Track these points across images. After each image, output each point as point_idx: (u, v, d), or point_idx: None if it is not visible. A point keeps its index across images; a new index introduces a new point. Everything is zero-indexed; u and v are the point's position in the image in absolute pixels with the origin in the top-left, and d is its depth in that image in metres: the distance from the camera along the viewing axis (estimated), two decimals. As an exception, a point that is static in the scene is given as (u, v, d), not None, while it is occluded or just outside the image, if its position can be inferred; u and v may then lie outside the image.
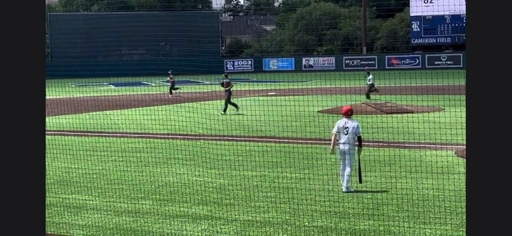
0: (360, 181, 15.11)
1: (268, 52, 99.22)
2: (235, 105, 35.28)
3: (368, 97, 41.11)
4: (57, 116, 34.05)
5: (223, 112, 34.65)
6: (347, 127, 15.28)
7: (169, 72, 51.99)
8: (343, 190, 15.10)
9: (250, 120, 25.31)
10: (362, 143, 15.53)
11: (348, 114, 15.52)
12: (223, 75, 38.09)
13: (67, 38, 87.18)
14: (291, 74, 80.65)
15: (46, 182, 16.81)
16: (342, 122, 15.45)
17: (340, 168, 15.54)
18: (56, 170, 18.51)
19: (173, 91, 51.14)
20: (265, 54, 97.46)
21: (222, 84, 36.41)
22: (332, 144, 15.59)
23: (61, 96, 42.33)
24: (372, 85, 41.83)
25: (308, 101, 29.70)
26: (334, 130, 15.51)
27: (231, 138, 24.43)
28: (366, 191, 15.06)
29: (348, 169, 15.15)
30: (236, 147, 21.24)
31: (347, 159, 15.24)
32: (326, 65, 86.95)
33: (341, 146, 15.31)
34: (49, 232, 12.58)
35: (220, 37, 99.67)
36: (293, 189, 15.32)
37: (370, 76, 41.98)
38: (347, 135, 15.22)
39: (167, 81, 52.99)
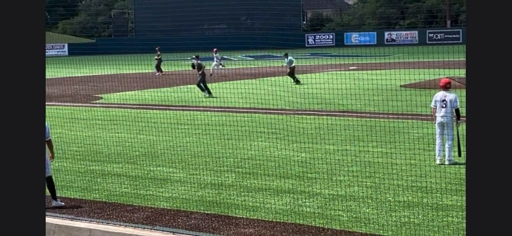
0: (460, 154, 15.00)
1: (350, 26, 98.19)
2: (209, 90, 32.20)
3: (291, 76, 38.56)
4: (141, 90, 34.80)
5: (208, 94, 31.88)
6: (445, 100, 15.32)
7: (157, 48, 48.47)
8: (446, 162, 15.17)
9: (332, 95, 25.17)
10: (460, 116, 15.34)
11: (447, 87, 15.65)
12: (193, 56, 34.71)
13: (150, 13, 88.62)
14: (373, 48, 79.68)
15: (132, 155, 17.32)
16: (440, 95, 15.49)
17: (436, 141, 15.46)
18: (142, 143, 18.97)
19: (159, 71, 47.11)
20: (346, 28, 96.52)
21: (193, 66, 33.52)
22: (434, 118, 15.73)
23: (145, 71, 43.18)
24: (291, 67, 38.95)
25: (391, 75, 29.31)
26: (433, 103, 15.68)
27: (312, 112, 24.41)
28: (451, 166, 14.87)
29: (449, 142, 15.24)
30: (318, 121, 21.20)
31: (447, 132, 15.32)
32: (408, 39, 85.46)
33: (440, 119, 15.37)
34: (128, 203, 12.89)
35: (301, 11, 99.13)
36: (376, 163, 15.23)
37: (289, 58, 39.22)
38: (446, 108, 15.28)
39: (155, 59, 48.30)
